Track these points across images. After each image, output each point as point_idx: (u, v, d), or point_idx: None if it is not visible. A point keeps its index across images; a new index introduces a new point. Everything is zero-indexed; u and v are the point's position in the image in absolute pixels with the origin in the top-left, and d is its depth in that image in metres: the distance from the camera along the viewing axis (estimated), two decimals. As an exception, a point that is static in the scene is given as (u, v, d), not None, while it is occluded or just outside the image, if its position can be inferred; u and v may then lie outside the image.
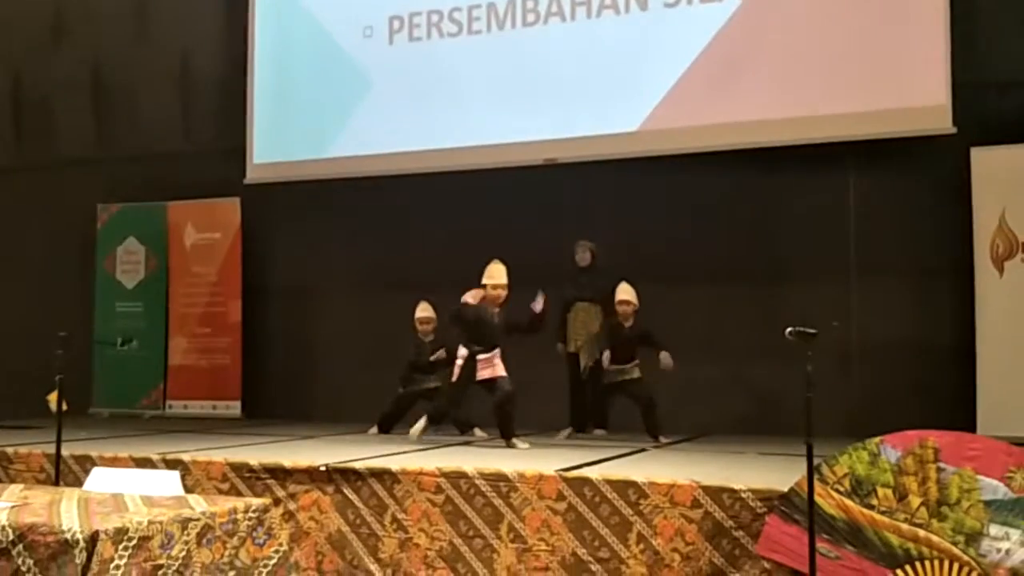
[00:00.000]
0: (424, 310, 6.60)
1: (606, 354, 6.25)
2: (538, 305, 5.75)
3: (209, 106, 8.98)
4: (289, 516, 4.74)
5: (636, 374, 6.27)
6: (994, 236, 6.33)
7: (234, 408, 8.39)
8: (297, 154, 8.28)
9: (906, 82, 6.45)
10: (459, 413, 6.44)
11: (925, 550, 3.45)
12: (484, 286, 5.86)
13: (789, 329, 3.49)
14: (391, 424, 6.67)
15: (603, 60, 7.27)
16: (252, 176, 8.45)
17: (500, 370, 5.85)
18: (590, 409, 6.74)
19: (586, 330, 6.63)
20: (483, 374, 5.84)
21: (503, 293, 5.84)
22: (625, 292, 6.21)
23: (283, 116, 8.38)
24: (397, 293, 7.27)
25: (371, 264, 8.27)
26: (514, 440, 5.75)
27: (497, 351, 5.89)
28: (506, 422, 5.78)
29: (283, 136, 8.36)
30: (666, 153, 7.00)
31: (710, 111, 6.94)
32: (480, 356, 5.85)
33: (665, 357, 6.09)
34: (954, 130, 6.32)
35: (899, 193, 6.84)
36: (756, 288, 7.09)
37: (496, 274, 5.86)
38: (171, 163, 8.82)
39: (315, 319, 8.53)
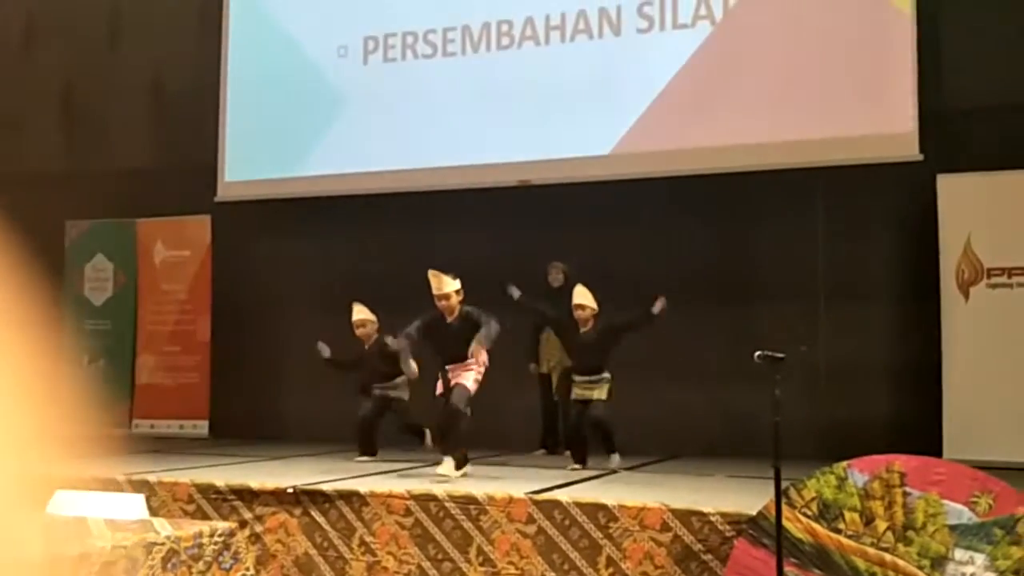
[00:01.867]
0: (360, 312, 6.22)
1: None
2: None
3: (180, 123, 8.91)
4: (256, 538, 4.68)
5: (598, 394, 5.62)
6: (959, 262, 6.42)
7: (202, 428, 8.31)
8: (269, 172, 8.24)
9: (874, 110, 6.56)
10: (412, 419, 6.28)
11: (891, 574, 3.48)
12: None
13: (758, 353, 3.52)
14: (372, 445, 6.32)
15: (576, 84, 7.31)
16: (223, 194, 8.41)
17: (462, 378, 5.45)
18: (562, 430, 6.74)
19: (559, 351, 6.64)
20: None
21: (445, 303, 5.45)
22: (581, 296, 5.68)
23: (255, 134, 8.35)
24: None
25: (342, 283, 8.19)
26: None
27: (468, 362, 5.47)
28: (445, 433, 5.42)
29: (255, 154, 8.32)
30: (638, 176, 7.06)
31: (682, 135, 7.00)
32: (449, 367, 5.50)
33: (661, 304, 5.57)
34: (921, 157, 6.42)
35: (867, 218, 6.94)
36: (726, 311, 7.13)
37: (438, 285, 5.49)
38: (141, 180, 8.74)
39: (285, 338, 8.45)
